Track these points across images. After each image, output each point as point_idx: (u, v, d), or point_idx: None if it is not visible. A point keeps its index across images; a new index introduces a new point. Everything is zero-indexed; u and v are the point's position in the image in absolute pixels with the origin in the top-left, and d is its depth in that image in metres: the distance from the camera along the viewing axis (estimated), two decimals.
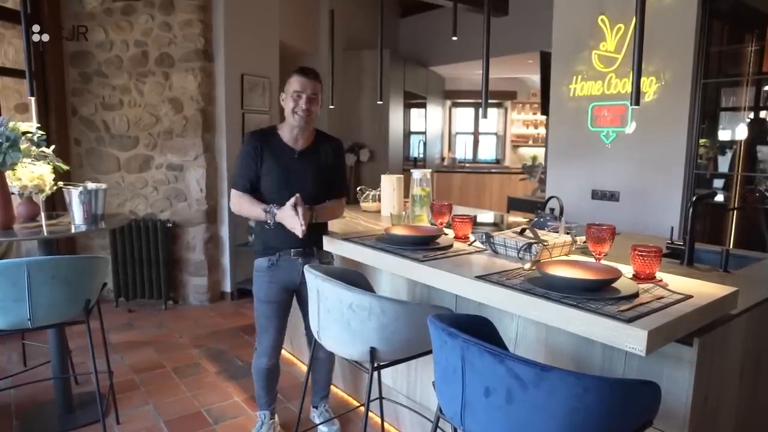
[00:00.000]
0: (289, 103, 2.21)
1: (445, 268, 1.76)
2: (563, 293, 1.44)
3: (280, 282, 2.33)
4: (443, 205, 2.28)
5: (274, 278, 2.32)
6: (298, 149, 2.29)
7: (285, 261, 2.31)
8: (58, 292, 2.03)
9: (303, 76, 2.21)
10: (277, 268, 2.31)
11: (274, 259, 2.31)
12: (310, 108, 2.20)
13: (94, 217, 2.60)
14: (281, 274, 2.32)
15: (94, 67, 4.32)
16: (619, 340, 1.26)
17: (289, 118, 2.24)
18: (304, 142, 2.31)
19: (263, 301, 2.35)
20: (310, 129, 2.33)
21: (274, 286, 2.33)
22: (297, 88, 2.20)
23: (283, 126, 2.32)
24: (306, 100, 2.19)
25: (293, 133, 2.28)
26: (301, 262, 2.29)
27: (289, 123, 2.25)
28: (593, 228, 1.75)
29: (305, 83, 2.20)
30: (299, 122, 2.21)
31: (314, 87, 2.22)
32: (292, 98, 2.20)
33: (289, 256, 2.30)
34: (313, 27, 6.29)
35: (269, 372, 2.43)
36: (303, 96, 2.19)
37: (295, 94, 2.19)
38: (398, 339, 1.70)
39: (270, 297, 2.34)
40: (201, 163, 4.39)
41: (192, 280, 4.53)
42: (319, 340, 1.88)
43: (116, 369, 3.19)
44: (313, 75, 2.24)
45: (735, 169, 3.83)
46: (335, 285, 1.70)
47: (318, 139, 2.37)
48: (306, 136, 2.31)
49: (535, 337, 1.86)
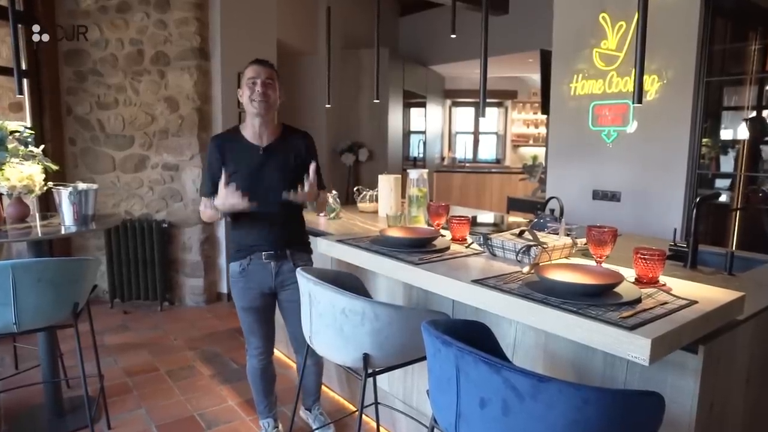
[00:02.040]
0: (246, 92, 2.12)
1: (441, 271, 1.70)
2: (563, 299, 1.39)
3: (254, 287, 2.25)
4: (440, 206, 2.22)
5: (248, 283, 2.25)
6: (263, 145, 2.18)
7: (256, 265, 2.22)
8: (44, 295, 1.98)
9: (257, 64, 2.14)
10: (249, 273, 2.23)
11: (245, 264, 2.23)
12: (266, 92, 2.10)
13: (84, 217, 2.55)
14: (254, 279, 2.24)
15: (89, 66, 4.27)
16: (621, 348, 1.21)
17: (248, 108, 2.14)
18: (268, 136, 2.19)
19: (242, 308, 2.30)
20: (274, 122, 2.22)
21: (250, 292, 2.26)
22: (251, 75, 2.11)
23: (245, 124, 2.21)
24: (261, 84, 2.09)
25: (255, 128, 2.17)
26: (273, 266, 2.23)
27: (249, 114, 2.15)
28: (594, 230, 1.69)
29: (259, 70, 2.12)
30: (258, 109, 2.10)
31: (269, 73, 2.13)
32: (248, 86, 2.11)
33: (261, 259, 2.22)
34: (311, 25, 6.23)
35: (263, 373, 2.39)
36: (258, 81, 2.09)
37: (250, 81, 2.11)
38: (392, 345, 1.65)
39: (246, 303, 2.28)
40: (197, 162, 4.34)
41: (188, 281, 4.48)
42: (311, 345, 1.83)
43: (109, 372, 3.14)
44: (268, 64, 2.17)
45: (738, 169, 3.77)
46: (327, 289, 1.65)
47: (284, 133, 2.25)
48: (270, 130, 2.19)
49: (534, 343, 1.81)
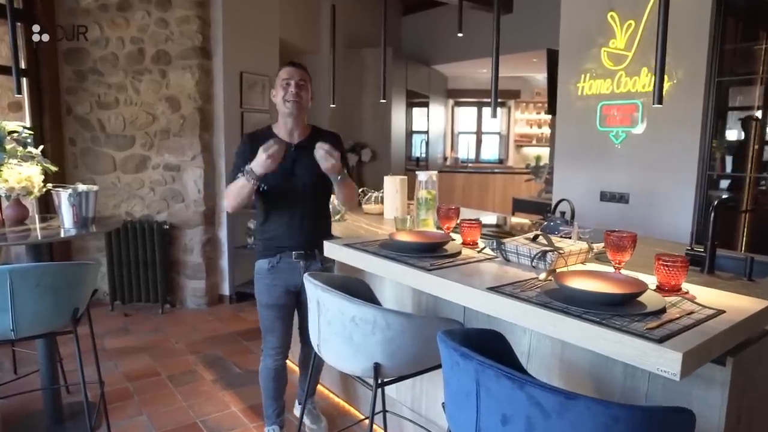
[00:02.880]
0: (279, 93, 2.20)
1: (454, 277, 1.64)
2: (584, 308, 1.33)
3: (281, 284, 2.28)
4: (450, 209, 2.16)
5: (275, 281, 2.28)
6: (294, 143, 2.25)
7: (285, 263, 2.26)
8: (43, 300, 1.92)
9: (290, 66, 2.24)
10: (278, 271, 2.26)
11: (275, 261, 2.26)
12: (299, 93, 2.19)
13: (84, 220, 2.49)
14: (282, 277, 2.27)
15: (89, 65, 4.21)
16: (649, 362, 1.15)
17: (281, 108, 2.22)
18: (299, 135, 2.27)
19: (265, 305, 2.31)
20: (304, 122, 2.29)
21: (276, 289, 2.28)
22: (285, 76, 2.20)
23: (277, 124, 2.30)
24: (295, 86, 2.18)
25: (287, 126, 2.25)
26: (302, 265, 2.26)
27: (282, 113, 2.23)
28: (613, 235, 1.63)
29: (293, 71, 2.21)
30: (291, 109, 2.19)
31: (302, 75, 2.22)
32: (282, 87, 2.20)
33: (290, 258, 2.25)
34: (313, 24, 6.17)
35: (276, 374, 2.37)
36: (291, 82, 2.18)
37: (284, 82, 2.19)
38: (404, 354, 1.59)
39: (272, 300, 2.29)
40: (199, 163, 4.28)
41: (189, 283, 4.42)
42: (318, 353, 1.77)
43: (110, 377, 3.08)
44: (301, 66, 2.25)
45: (747, 170, 3.71)
46: (336, 296, 1.59)
47: (314, 133, 2.32)
48: (301, 129, 2.28)
49: (550, 352, 1.75)
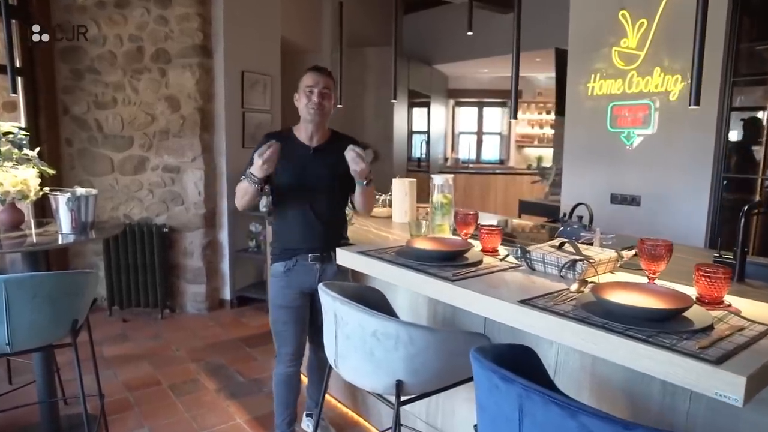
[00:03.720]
0: (302, 99, 2.21)
1: (480, 288, 1.55)
2: (626, 324, 1.24)
3: (296, 286, 2.26)
4: (468, 214, 2.07)
5: (290, 283, 2.26)
6: (312, 146, 2.25)
7: (301, 266, 2.25)
8: (40, 312, 1.81)
9: (315, 72, 2.22)
10: (294, 273, 2.25)
11: (291, 264, 2.25)
12: (322, 102, 2.18)
13: (83, 225, 2.38)
14: (298, 279, 2.25)
15: (87, 64, 4.09)
16: (706, 385, 1.06)
17: (303, 114, 2.22)
18: (318, 139, 2.27)
19: (279, 306, 2.28)
20: (325, 127, 2.29)
21: (290, 291, 2.26)
22: (309, 83, 2.19)
23: (298, 126, 2.29)
24: (318, 95, 2.18)
25: (308, 131, 2.24)
26: (318, 267, 2.25)
27: (303, 119, 2.23)
28: (648, 243, 1.54)
29: (317, 78, 2.20)
30: (313, 116, 2.19)
31: (326, 82, 2.21)
32: (305, 94, 2.20)
33: (306, 261, 2.24)
34: (315, 22, 6.07)
35: (288, 380, 2.31)
36: (315, 90, 2.18)
37: (308, 90, 2.19)
38: (428, 370, 1.50)
39: (286, 302, 2.26)
40: (199, 164, 4.17)
41: (190, 288, 4.31)
42: (335, 368, 1.67)
43: (109, 386, 2.97)
44: (326, 72, 2.25)
45: (757, 171, 3.63)
46: (357, 310, 1.49)
47: (333, 137, 2.32)
48: (321, 133, 2.27)
49: (579, 366, 1.65)
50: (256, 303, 4.46)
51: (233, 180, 4.21)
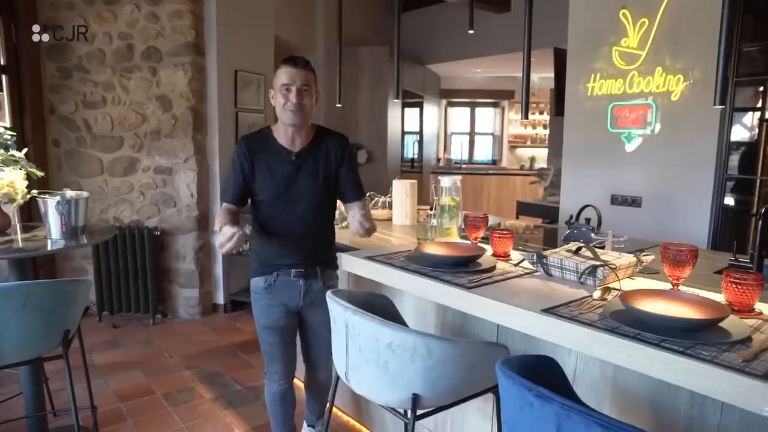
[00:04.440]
0: (279, 99, 1.91)
1: (498, 296, 1.48)
2: (659, 334, 1.18)
3: (280, 304, 2.06)
4: (478, 217, 2.00)
5: (272, 301, 2.05)
6: (295, 150, 1.98)
7: (283, 282, 2.03)
8: (30, 323, 1.71)
9: (291, 66, 1.89)
10: (276, 290, 2.04)
11: (272, 280, 2.03)
12: (301, 102, 1.89)
13: (73, 230, 2.28)
14: (281, 296, 2.05)
15: (74, 62, 3.96)
16: (752, 401, 1.00)
17: (280, 116, 1.95)
18: (302, 141, 2.00)
19: (264, 326, 2.10)
20: (307, 127, 2.01)
21: (275, 310, 2.06)
22: (285, 81, 1.89)
23: (277, 126, 2.02)
24: (296, 93, 1.88)
25: (289, 133, 1.98)
26: (302, 284, 2.04)
27: (282, 121, 1.96)
28: (671, 248, 1.48)
29: (294, 74, 1.88)
30: (292, 120, 1.91)
31: (305, 77, 1.90)
32: (281, 93, 1.90)
33: (289, 276, 2.02)
34: (309, 21, 5.97)
35: (282, 399, 2.18)
36: (293, 89, 1.88)
37: (284, 88, 1.89)
38: (446, 383, 1.42)
39: (270, 322, 2.07)
40: (191, 165, 4.06)
41: (182, 292, 4.19)
42: (346, 382, 1.59)
43: (100, 396, 2.86)
44: (303, 64, 1.92)
45: (756, 172, 3.61)
46: (370, 320, 1.41)
47: (318, 136, 2.04)
48: (304, 134, 2.00)
49: (600, 375, 1.59)
50: (250, 307, 4.32)
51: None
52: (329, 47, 6.02)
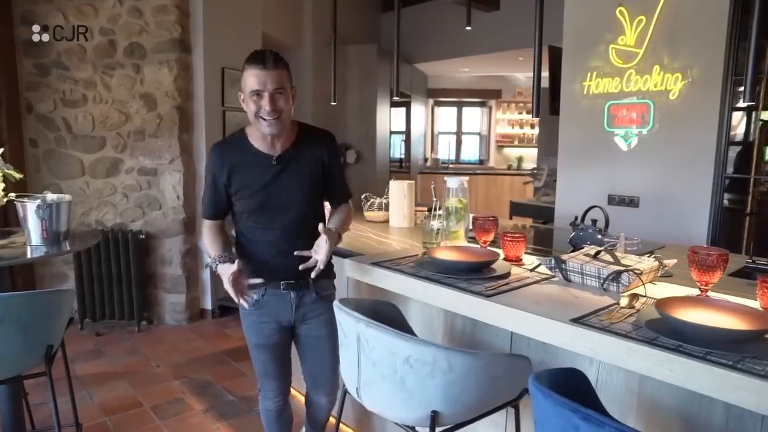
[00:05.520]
0: (250, 106, 1.68)
1: (519, 304, 1.39)
2: (704, 347, 1.09)
3: (271, 320, 1.90)
4: (488, 219, 1.91)
5: (263, 317, 1.90)
6: (275, 154, 1.79)
7: (273, 295, 1.87)
8: (9, 339, 1.57)
9: (259, 67, 1.63)
10: (265, 305, 1.88)
11: (260, 294, 1.86)
12: (276, 107, 1.66)
13: (55, 235, 2.13)
14: (271, 311, 1.89)
15: (53, 58, 3.79)
16: None
17: (255, 124, 1.73)
18: (282, 144, 1.80)
19: (255, 344, 1.95)
20: (288, 128, 1.79)
21: (266, 326, 1.91)
22: (254, 86, 1.64)
23: (253, 128, 1.79)
24: (269, 100, 1.64)
25: (267, 138, 1.77)
26: (293, 297, 1.88)
27: (258, 129, 1.74)
28: (701, 252, 1.41)
29: (263, 77, 1.63)
30: (268, 130, 1.70)
31: (277, 78, 1.65)
32: (252, 100, 1.66)
33: (278, 289, 1.86)
34: (297, 18, 5.84)
35: (278, 416, 2.05)
36: (264, 95, 1.64)
37: (254, 95, 1.65)
38: (467, 399, 1.33)
39: (262, 339, 1.93)
40: (177, 166, 3.91)
41: (168, 298, 4.04)
42: (357, 398, 1.48)
43: (84, 410, 2.71)
44: (272, 61, 1.65)
45: (749, 171, 3.59)
46: (386, 333, 1.31)
47: (301, 136, 1.84)
48: (284, 137, 1.80)
49: (624, 387, 1.51)
50: (239, 312, 4.20)
51: None
52: (317, 45, 5.90)
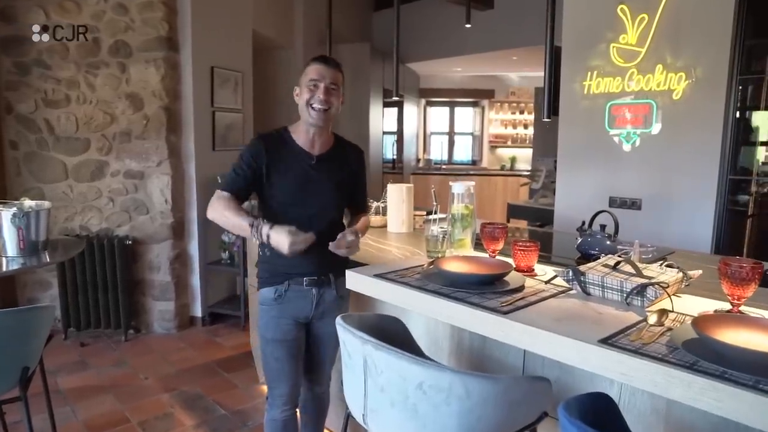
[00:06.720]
0: (304, 95, 1.83)
1: (539, 322, 1.28)
2: (751, 373, 0.99)
3: (290, 315, 1.91)
4: (497, 227, 1.81)
5: (283, 312, 1.90)
6: (315, 154, 1.90)
7: (295, 291, 1.90)
8: None
9: (321, 63, 1.85)
10: (286, 300, 1.90)
11: (282, 290, 1.89)
12: (329, 99, 1.82)
13: (33, 245, 2.00)
14: (291, 307, 1.91)
15: (33, 56, 3.63)
16: None
17: (303, 114, 1.86)
18: (322, 146, 1.92)
19: (272, 340, 1.92)
20: (328, 131, 1.95)
21: (284, 321, 1.91)
22: (313, 76, 1.82)
23: (297, 127, 1.92)
24: (324, 90, 1.81)
25: (309, 135, 1.89)
26: (315, 293, 1.91)
27: (304, 120, 1.87)
28: (733, 264, 1.31)
29: (323, 71, 1.83)
30: (316, 119, 1.83)
31: (334, 76, 1.84)
32: (308, 88, 1.82)
33: (301, 285, 1.89)
34: (288, 17, 5.70)
35: (284, 425, 1.97)
36: (321, 85, 1.81)
37: (311, 84, 1.82)
38: (485, 427, 1.21)
39: (279, 335, 1.91)
40: (165, 169, 3.76)
41: (156, 305, 3.90)
42: (363, 424, 1.37)
43: (67, 428, 2.57)
44: (334, 63, 1.88)
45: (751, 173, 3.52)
46: (396, 356, 1.20)
47: (337, 144, 1.99)
48: (324, 139, 1.93)
49: (650, 408, 1.40)
50: (230, 320, 4.08)
51: (203, 186, 3.83)
52: (308, 44, 5.77)
